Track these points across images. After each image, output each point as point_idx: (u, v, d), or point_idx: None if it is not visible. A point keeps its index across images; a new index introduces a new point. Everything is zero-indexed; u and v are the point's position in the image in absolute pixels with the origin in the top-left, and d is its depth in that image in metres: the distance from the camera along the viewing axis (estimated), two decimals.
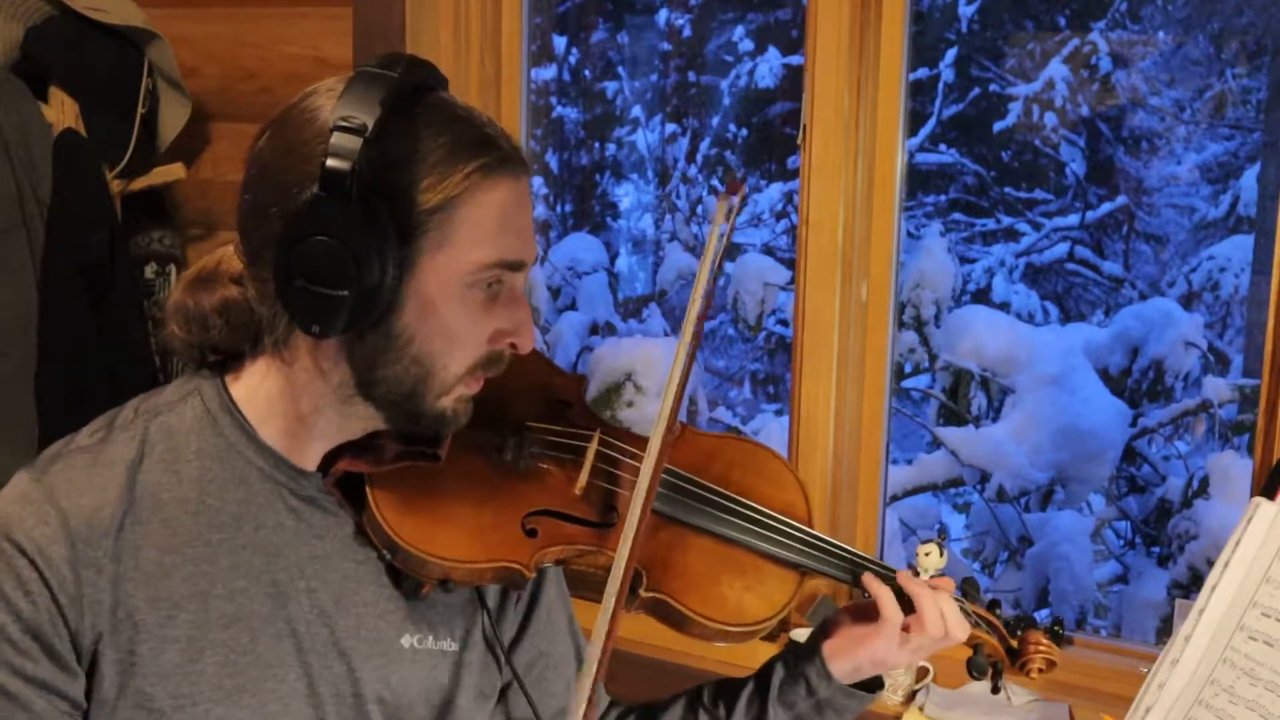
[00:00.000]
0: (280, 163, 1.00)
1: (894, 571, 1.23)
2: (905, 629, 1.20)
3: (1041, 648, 1.27)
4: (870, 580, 1.21)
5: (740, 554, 1.20)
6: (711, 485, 1.21)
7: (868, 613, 1.22)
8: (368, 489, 1.07)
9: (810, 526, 1.23)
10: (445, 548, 1.07)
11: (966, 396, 3.70)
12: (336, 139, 0.95)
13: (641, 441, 1.11)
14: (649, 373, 3.43)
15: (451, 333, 1.02)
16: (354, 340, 1.01)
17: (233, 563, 1.05)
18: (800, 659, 1.23)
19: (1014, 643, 1.29)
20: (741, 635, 1.17)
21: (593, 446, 1.17)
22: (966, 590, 1.28)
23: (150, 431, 1.06)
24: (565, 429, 1.18)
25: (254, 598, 1.05)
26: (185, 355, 1.10)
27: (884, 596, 1.19)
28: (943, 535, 2.09)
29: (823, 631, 1.26)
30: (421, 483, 1.09)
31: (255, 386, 1.07)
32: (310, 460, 1.08)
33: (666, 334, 4.35)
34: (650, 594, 1.15)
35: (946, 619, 1.19)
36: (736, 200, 1.16)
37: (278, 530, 1.07)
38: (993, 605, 1.30)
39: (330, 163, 0.94)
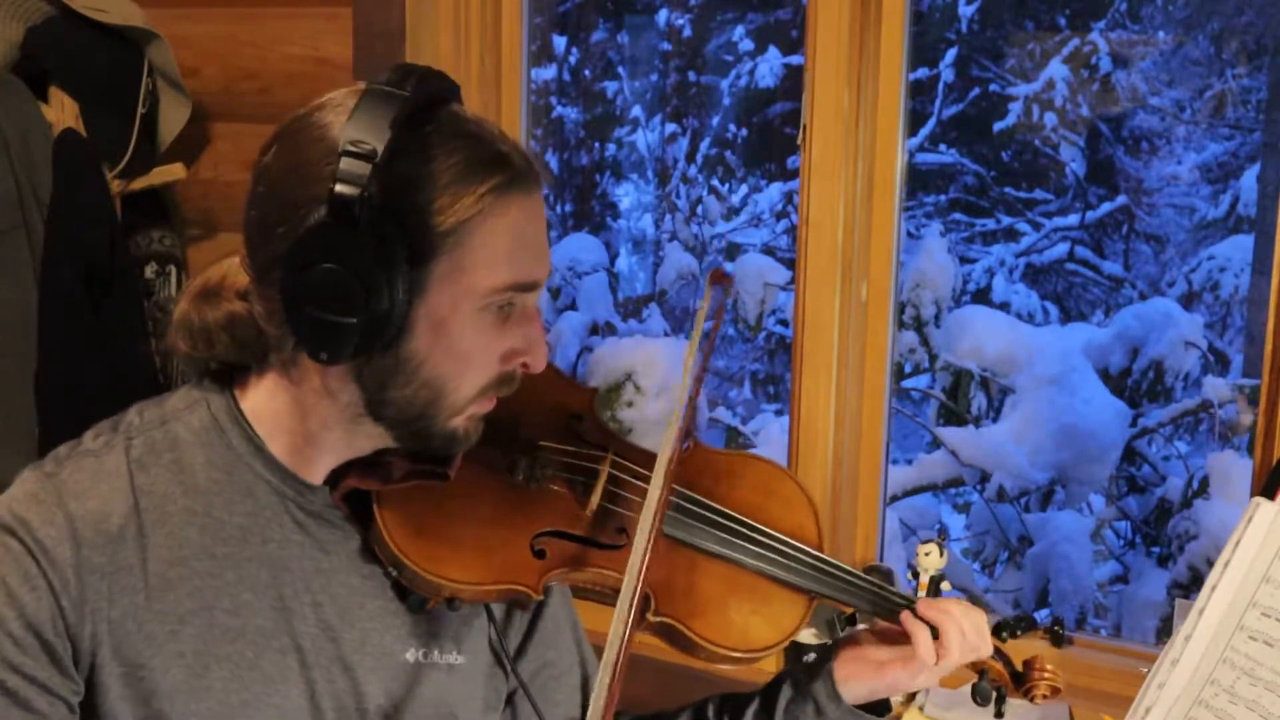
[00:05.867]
0: (287, 181, 0.98)
1: (913, 601, 1.22)
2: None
3: (1046, 674, 1.26)
4: (908, 620, 1.19)
5: (749, 578, 1.19)
6: (721, 508, 1.19)
7: (890, 639, 1.21)
8: (375, 507, 1.06)
9: (821, 548, 1.22)
10: (452, 569, 1.06)
11: (966, 396, 3.70)
12: (345, 164, 0.93)
13: (653, 460, 1.10)
14: (649, 373, 3.43)
15: (463, 355, 1.00)
16: (363, 363, 0.99)
17: (238, 576, 1.04)
18: (810, 678, 1.22)
19: (1020, 667, 1.28)
20: (748, 660, 1.17)
21: (605, 469, 1.15)
22: None
23: (157, 439, 1.05)
24: (578, 450, 1.16)
25: (259, 612, 1.05)
26: (191, 367, 1.09)
27: (920, 636, 1.18)
28: (943, 535, 2.09)
29: (833, 650, 1.25)
30: (430, 501, 1.08)
31: (263, 401, 1.06)
32: (318, 475, 1.07)
33: (666, 334, 4.35)
34: (658, 618, 1.14)
35: (968, 638, 1.19)
36: (721, 294, 1.15)
37: (284, 544, 1.06)
38: (999, 629, 1.29)
39: (339, 188, 0.93)
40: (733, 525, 1.19)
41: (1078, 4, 5.09)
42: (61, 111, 2.13)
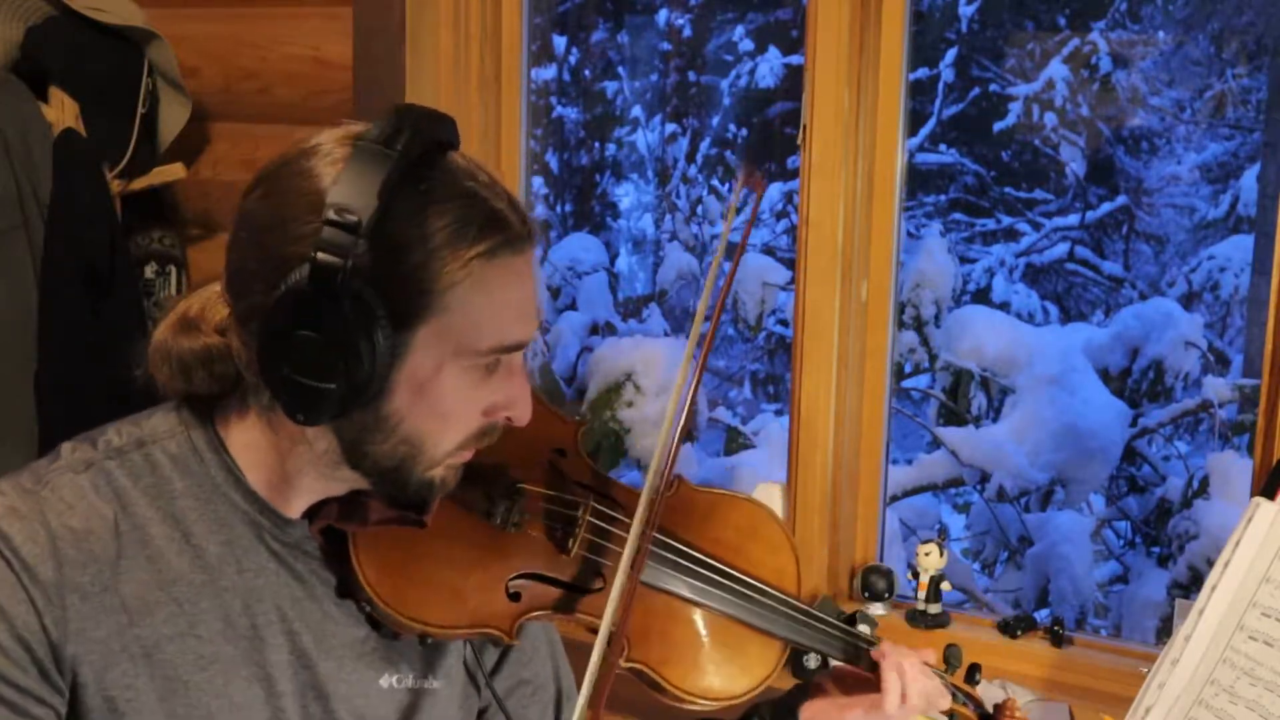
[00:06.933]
0: (271, 234, 0.96)
1: (875, 644, 1.24)
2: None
3: (1017, 717, 1.27)
4: (885, 669, 1.21)
5: (724, 624, 1.19)
6: (698, 555, 1.19)
7: (854, 681, 1.23)
8: (350, 547, 1.06)
9: (798, 593, 1.23)
10: (425, 611, 1.06)
11: (966, 396, 3.69)
12: (329, 233, 0.91)
13: (636, 500, 1.08)
14: (649, 373, 3.43)
15: (443, 412, 0.99)
16: (342, 419, 0.98)
17: (213, 605, 1.03)
18: (777, 718, 1.23)
19: (990, 710, 1.29)
20: (717, 708, 1.17)
21: (584, 517, 1.14)
22: (948, 659, 1.29)
23: (136, 463, 1.04)
24: (558, 494, 1.15)
25: (231, 640, 1.04)
26: (171, 395, 1.07)
27: (891, 684, 1.19)
28: (943, 535, 2.10)
29: (804, 691, 1.26)
30: (405, 541, 1.07)
31: (242, 436, 1.05)
32: (295, 509, 1.06)
33: (666, 334, 4.35)
34: (630, 664, 1.14)
35: (927, 697, 1.22)
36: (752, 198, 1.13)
37: (259, 573, 1.05)
38: (972, 671, 1.30)
39: (321, 257, 0.91)
40: (709, 573, 1.19)
41: (1078, 4, 5.09)
42: (61, 111, 2.13)
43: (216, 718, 1.03)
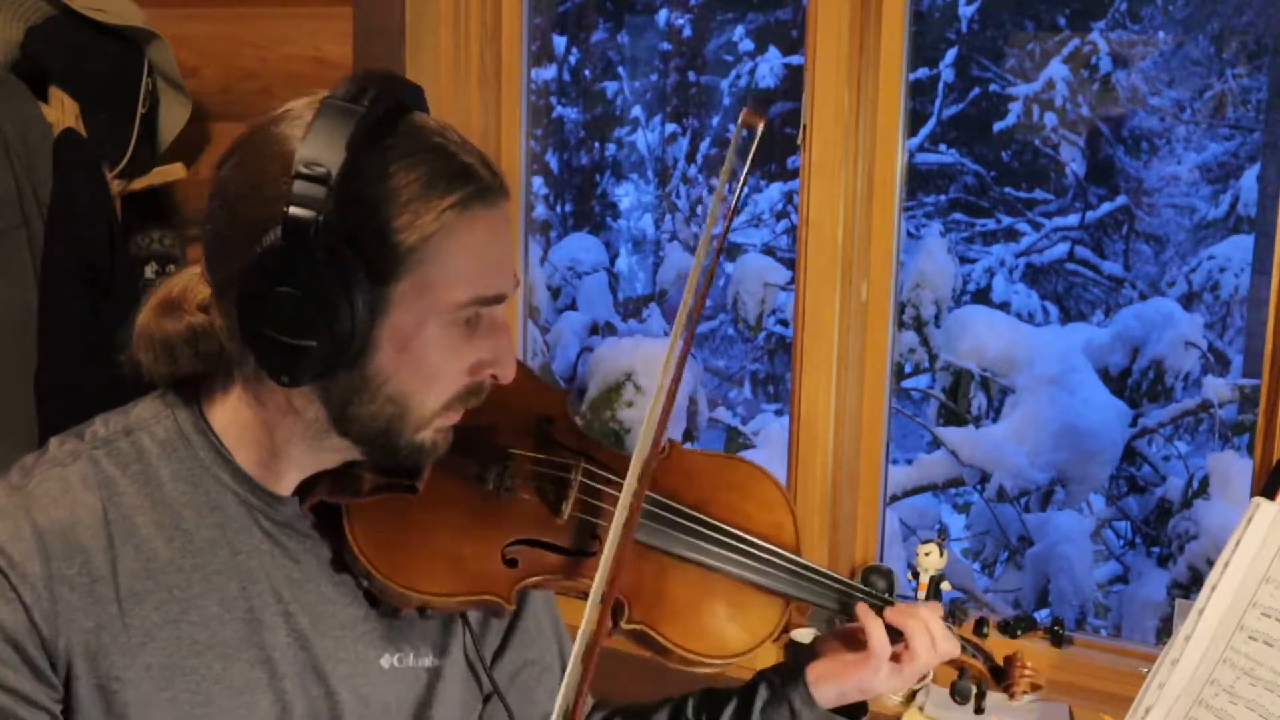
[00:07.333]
0: (244, 199, 0.96)
1: (884, 602, 1.22)
2: (895, 659, 1.19)
3: (1027, 671, 1.26)
4: (863, 612, 1.20)
5: (724, 582, 1.18)
6: (695, 513, 1.19)
7: (857, 638, 1.21)
8: (344, 520, 1.05)
9: (798, 550, 1.22)
10: (423, 581, 1.06)
11: (966, 396, 3.70)
12: (299, 186, 0.90)
13: (627, 463, 1.08)
14: (649, 372, 3.43)
15: (428, 370, 0.99)
16: (327, 381, 0.97)
17: (206, 589, 1.03)
18: (785, 681, 1.22)
19: (1000, 663, 1.28)
20: (722, 666, 1.17)
21: (577, 478, 1.14)
22: (954, 612, 1.28)
23: (123, 450, 1.04)
24: (549, 457, 1.15)
25: (227, 624, 1.04)
26: (157, 377, 1.07)
27: (875, 629, 1.18)
28: (943, 535, 2.09)
29: (810, 652, 1.25)
30: (399, 512, 1.07)
31: (229, 414, 1.05)
32: (285, 486, 1.06)
33: (666, 334, 4.35)
34: (632, 625, 1.14)
35: (936, 644, 1.19)
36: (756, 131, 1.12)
37: (253, 555, 1.05)
38: (980, 624, 1.29)
39: (293, 211, 0.90)
40: (706, 530, 1.18)
41: (1078, 4, 5.09)
42: (61, 111, 2.13)
43: (217, 702, 1.03)
